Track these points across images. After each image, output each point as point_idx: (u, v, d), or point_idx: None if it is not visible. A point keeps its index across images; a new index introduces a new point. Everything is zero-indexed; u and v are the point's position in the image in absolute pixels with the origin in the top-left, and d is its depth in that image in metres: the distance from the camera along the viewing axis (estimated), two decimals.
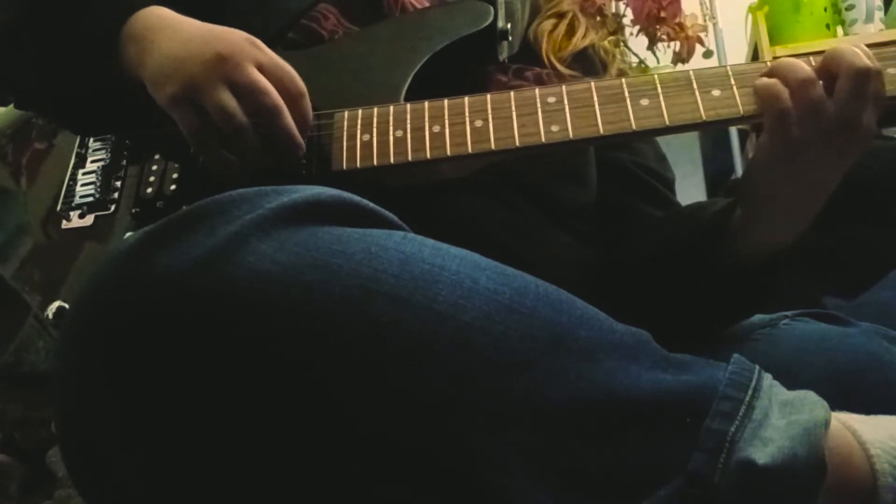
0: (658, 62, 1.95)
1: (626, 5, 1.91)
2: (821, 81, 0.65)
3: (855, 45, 0.65)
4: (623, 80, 0.71)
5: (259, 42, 0.71)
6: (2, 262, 0.76)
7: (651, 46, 1.94)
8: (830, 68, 0.65)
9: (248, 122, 0.69)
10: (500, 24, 0.82)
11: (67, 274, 0.73)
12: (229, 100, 0.68)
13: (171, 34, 0.72)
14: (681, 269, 0.76)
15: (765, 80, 0.66)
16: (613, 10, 1.90)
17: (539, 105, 0.70)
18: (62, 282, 0.72)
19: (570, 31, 0.93)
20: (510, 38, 0.84)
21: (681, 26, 1.90)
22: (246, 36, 0.71)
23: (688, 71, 0.70)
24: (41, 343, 0.71)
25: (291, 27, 0.83)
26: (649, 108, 0.69)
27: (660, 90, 0.69)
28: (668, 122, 0.68)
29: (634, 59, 1.92)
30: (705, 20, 2.11)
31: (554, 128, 0.69)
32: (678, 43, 1.92)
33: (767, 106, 0.66)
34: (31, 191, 0.80)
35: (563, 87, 0.71)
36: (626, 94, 0.69)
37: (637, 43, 1.93)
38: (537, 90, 0.71)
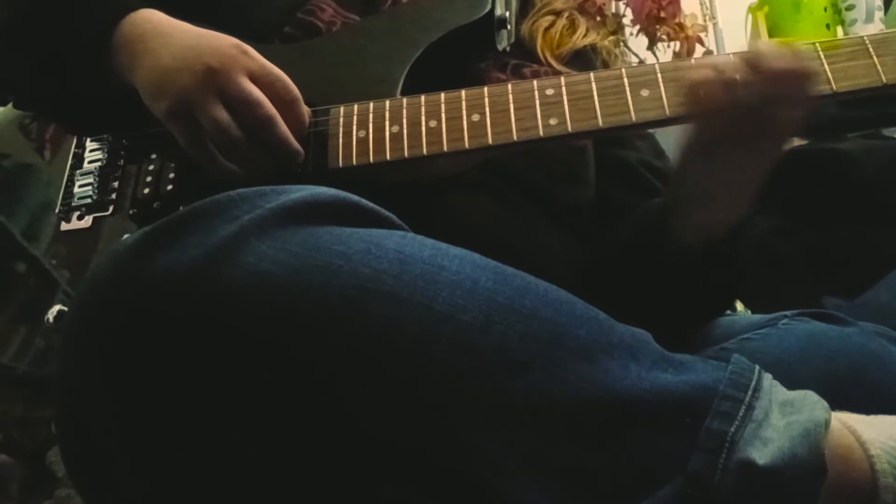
0: (658, 62, 1.95)
1: (626, 5, 1.92)
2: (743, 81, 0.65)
3: (787, 45, 0.66)
4: (623, 70, 0.70)
5: (249, 49, 0.70)
6: (31, 241, 0.76)
7: (651, 46, 1.94)
8: (750, 68, 0.65)
9: (242, 135, 0.69)
10: (499, 11, 0.82)
11: (88, 265, 0.73)
12: (223, 114, 0.68)
13: (162, 43, 0.71)
14: (637, 267, 0.77)
15: (696, 76, 0.66)
16: (613, 10, 1.90)
17: (537, 97, 0.70)
18: (85, 268, 0.73)
19: (571, 28, 0.92)
20: (509, 27, 0.84)
21: (681, 26, 1.90)
22: (235, 43, 0.70)
23: (690, 61, 0.69)
24: (42, 343, 0.71)
25: (288, 20, 0.83)
26: (650, 99, 0.68)
27: (660, 80, 0.68)
28: (668, 114, 0.67)
29: (634, 60, 1.92)
30: (705, 20, 2.12)
31: (552, 121, 0.69)
32: (678, 43, 1.92)
33: (690, 105, 0.66)
34: (55, 164, 0.80)
35: (562, 78, 0.70)
36: (626, 84, 0.69)
37: (637, 43, 1.93)
38: (535, 82, 0.71)
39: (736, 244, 0.73)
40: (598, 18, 0.99)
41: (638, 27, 1.92)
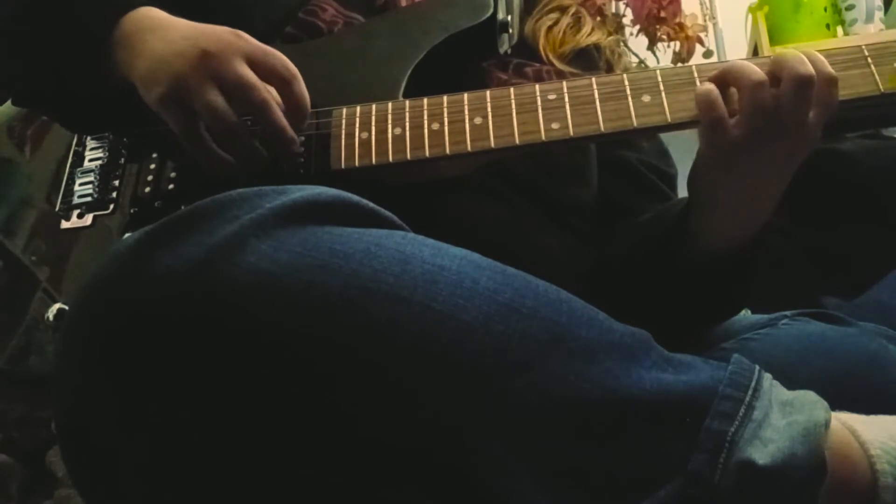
0: (658, 62, 1.95)
1: (626, 5, 1.92)
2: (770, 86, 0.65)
3: (808, 51, 0.66)
4: (624, 75, 0.70)
5: (245, 34, 0.69)
6: (9, 236, 0.76)
7: (651, 46, 1.94)
8: (775, 72, 0.65)
9: (238, 121, 0.68)
10: (501, 15, 0.82)
11: (68, 262, 0.73)
12: (218, 99, 0.67)
13: (160, 35, 0.71)
14: (651, 269, 0.77)
15: (704, 87, 0.66)
16: (613, 10, 1.90)
17: (539, 102, 0.70)
18: (65, 265, 0.72)
19: (576, 27, 0.92)
20: (511, 31, 0.84)
21: (681, 26, 1.90)
22: (231, 30, 0.69)
23: (690, 66, 0.69)
24: (24, 340, 0.71)
25: (289, 21, 0.83)
26: (651, 105, 0.68)
27: (661, 86, 0.69)
28: (669, 119, 0.68)
29: (634, 60, 1.92)
30: (705, 20, 2.12)
31: (554, 125, 0.69)
32: (678, 43, 1.92)
33: (703, 113, 0.66)
34: (35, 160, 0.80)
35: (564, 83, 0.71)
36: (628, 90, 0.69)
37: (637, 43, 1.93)
38: (537, 86, 0.71)
39: (755, 254, 0.73)
40: (598, 18, 0.99)
41: (638, 27, 1.92)
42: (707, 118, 0.66)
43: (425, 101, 0.72)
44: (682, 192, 0.91)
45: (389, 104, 0.73)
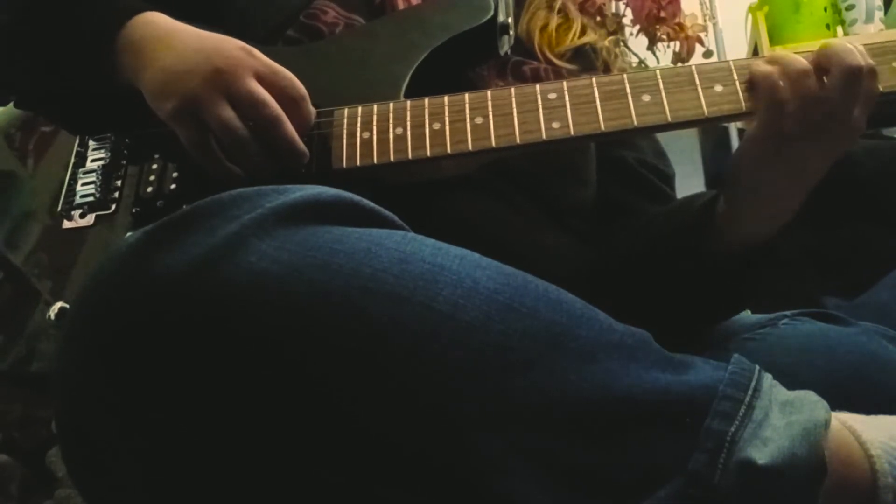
0: (658, 62, 1.96)
1: (626, 5, 1.92)
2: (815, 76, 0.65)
3: (848, 42, 0.65)
4: (624, 75, 0.71)
5: (254, 50, 0.70)
6: (11, 249, 0.76)
7: (651, 46, 1.94)
8: (822, 63, 0.65)
9: (249, 135, 0.69)
10: (501, 17, 0.82)
11: (70, 274, 0.73)
12: (230, 114, 0.68)
13: (167, 45, 0.71)
14: (669, 265, 0.76)
15: (764, 68, 0.66)
16: (613, 10, 1.90)
17: (540, 101, 0.70)
18: (67, 278, 0.73)
19: (567, 25, 0.92)
20: (511, 32, 0.84)
21: (681, 26, 1.91)
22: (241, 45, 0.70)
23: (690, 66, 0.70)
24: (23, 351, 0.71)
25: (291, 24, 0.83)
26: (651, 104, 0.68)
27: (661, 86, 0.69)
28: (669, 119, 0.68)
29: (634, 59, 1.93)
30: (705, 20, 2.12)
31: (555, 124, 0.69)
32: (678, 43, 1.92)
33: (765, 94, 0.66)
34: (38, 174, 0.80)
35: (564, 83, 0.71)
36: (628, 89, 0.69)
37: (637, 43, 1.93)
38: (538, 86, 0.71)
39: (771, 251, 0.73)
40: (598, 18, 0.99)
41: (638, 27, 1.92)
42: (768, 100, 0.65)
43: (426, 101, 0.72)
44: (681, 193, 0.92)
45: (391, 104, 0.73)
